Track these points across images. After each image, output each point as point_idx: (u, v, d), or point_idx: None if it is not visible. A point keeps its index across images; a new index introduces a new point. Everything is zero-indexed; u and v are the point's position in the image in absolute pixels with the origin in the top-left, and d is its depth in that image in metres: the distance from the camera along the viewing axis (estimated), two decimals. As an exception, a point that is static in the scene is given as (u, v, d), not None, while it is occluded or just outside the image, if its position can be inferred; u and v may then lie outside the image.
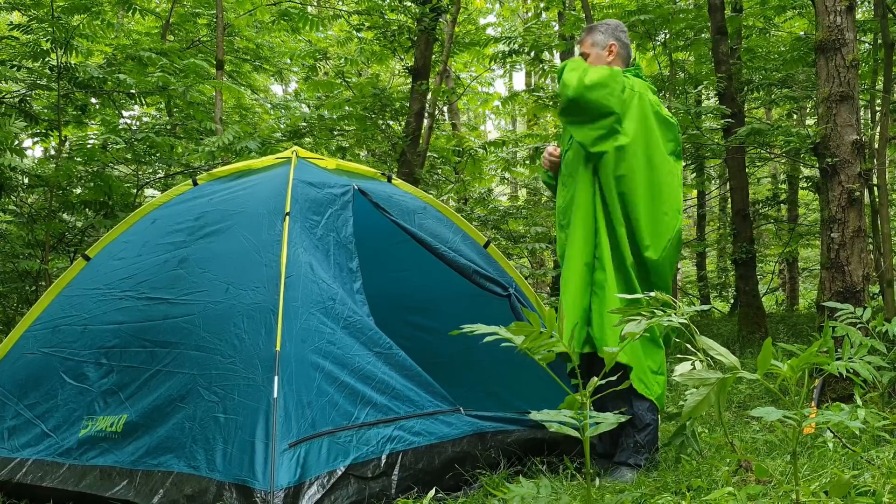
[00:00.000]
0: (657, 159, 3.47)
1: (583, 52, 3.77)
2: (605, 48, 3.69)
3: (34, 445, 3.29)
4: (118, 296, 3.47)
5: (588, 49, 3.72)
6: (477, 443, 3.15)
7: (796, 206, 12.86)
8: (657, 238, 3.44)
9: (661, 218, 3.45)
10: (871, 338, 3.22)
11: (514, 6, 16.14)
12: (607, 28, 3.74)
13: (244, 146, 6.49)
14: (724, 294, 13.02)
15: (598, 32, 3.73)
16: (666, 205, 3.47)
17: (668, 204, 3.48)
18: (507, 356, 2.99)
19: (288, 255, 3.11)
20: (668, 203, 3.48)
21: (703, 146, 8.55)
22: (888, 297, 5.31)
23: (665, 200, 3.47)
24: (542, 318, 2.25)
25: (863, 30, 8.01)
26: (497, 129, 22.73)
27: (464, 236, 4.07)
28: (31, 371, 3.53)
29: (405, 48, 9.25)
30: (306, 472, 2.64)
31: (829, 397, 4.47)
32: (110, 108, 7.81)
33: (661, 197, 3.46)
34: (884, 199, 5.83)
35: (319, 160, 3.84)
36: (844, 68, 4.73)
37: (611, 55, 3.68)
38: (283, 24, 9.35)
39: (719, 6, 8.00)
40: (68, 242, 7.71)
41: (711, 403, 2.12)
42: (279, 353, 2.82)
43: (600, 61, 3.66)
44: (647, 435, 3.35)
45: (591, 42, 3.72)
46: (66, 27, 6.51)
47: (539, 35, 10.08)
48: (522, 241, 9.86)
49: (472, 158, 10.33)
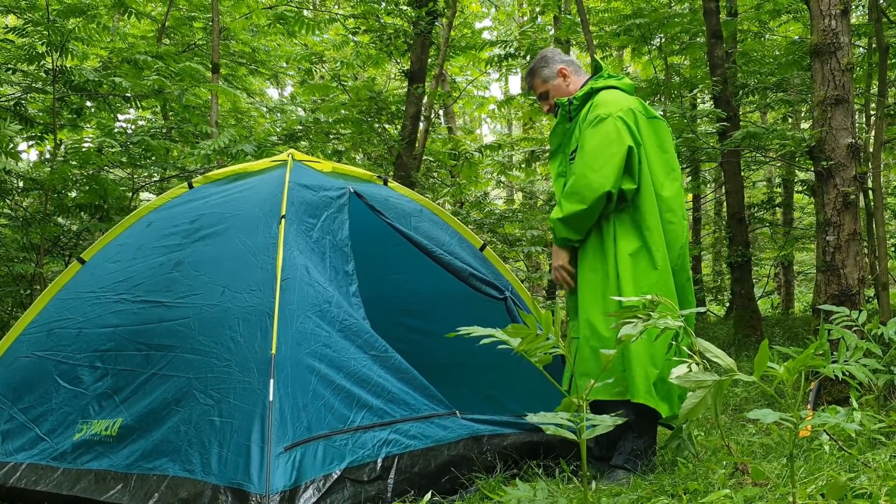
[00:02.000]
0: (656, 170, 3.46)
1: (540, 94, 3.75)
2: (558, 76, 3.68)
3: (28, 449, 3.28)
4: (113, 299, 3.46)
5: (544, 87, 3.71)
6: (473, 446, 3.14)
7: (791, 210, 12.88)
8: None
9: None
10: (866, 340, 3.22)
11: (510, 10, 16.18)
12: (545, 60, 3.73)
13: (240, 149, 6.49)
14: (719, 297, 13.04)
15: (541, 69, 3.71)
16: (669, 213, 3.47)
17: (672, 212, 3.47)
18: (503, 359, 2.99)
19: (284, 258, 3.10)
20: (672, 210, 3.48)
21: (699, 150, 8.56)
22: (883, 300, 5.32)
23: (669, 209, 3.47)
24: (539, 321, 2.24)
25: (857, 34, 8.04)
26: (493, 132, 22.76)
27: (460, 239, 4.07)
28: (25, 374, 3.52)
29: (401, 52, 9.26)
30: (302, 475, 2.63)
31: (825, 400, 4.48)
32: (106, 112, 7.80)
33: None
34: (879, 202, 5.84)
35: (315, 163, 3.84)
36: (839, 72, 4.74)
37: (566, 79, 3.68)
38: (279, 27, 9.34)
39: (714, 10, 8.02)
40: (63, 246, 7.69)
41: (708, 406, 2.11)
42: (275, 356, 2.81)
43: (561, 91, 3.66)
44: (645, 441, 3.34)
45: (542, 80, 3.71)
46: (61, 30, 6.50)
47: (535, 39, 10.11)
48: (518, 245, 9.87)
49: (468, 162, 10.34)
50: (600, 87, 3.53)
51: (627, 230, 3.37)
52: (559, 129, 3.64)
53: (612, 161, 3.30)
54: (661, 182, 3.43)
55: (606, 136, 3.34)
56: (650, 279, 3.30)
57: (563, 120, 3.62)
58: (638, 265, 3.32)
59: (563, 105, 3.60)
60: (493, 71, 14.37)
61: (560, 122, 3.63)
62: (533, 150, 11.19)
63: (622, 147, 3.31)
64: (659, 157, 3.47)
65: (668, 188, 3.45)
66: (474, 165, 10.60)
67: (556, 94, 3.67)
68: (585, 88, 3.55)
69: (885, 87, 6.47)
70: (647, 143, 3.44)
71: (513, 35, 10.81)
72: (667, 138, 3.54)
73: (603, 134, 3.35)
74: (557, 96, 3.66)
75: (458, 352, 3.86)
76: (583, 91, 3.55)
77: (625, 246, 3.34)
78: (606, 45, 9.72)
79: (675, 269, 3.44)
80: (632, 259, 3.32)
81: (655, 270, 3.32)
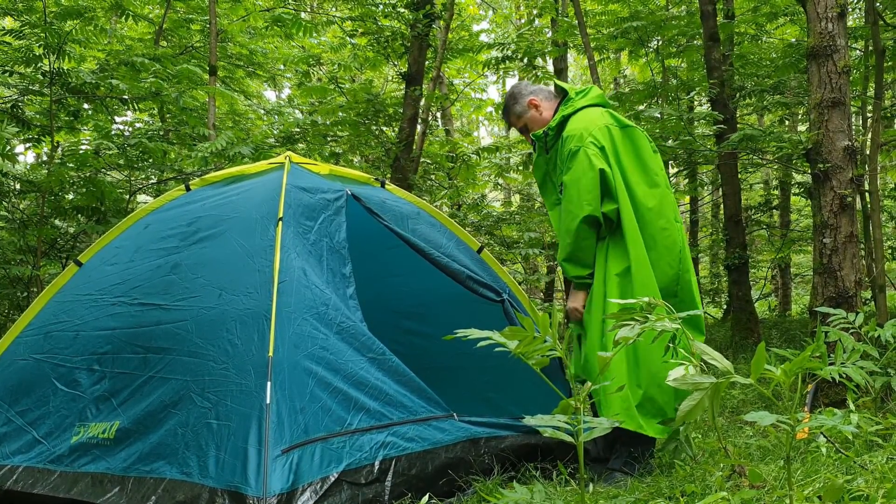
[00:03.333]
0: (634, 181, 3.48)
1: (520, 129, 3.80)
2: (530, 109, 3.72)
3: (25, 452, 3.27)
4: (110, 301, 3.45)
5: (520, 122, 3.76)
6: (470, 448, 3.14)
7: (788, 212, 12.91)
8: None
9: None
10: (863, 343, 3.22)
11: (508, 13, 16.19)
12: (514, 97, 3.77)
13: (237, 151, 6.48)
14: (717, 300, 13.05)
15: (515, 106, 3.75)
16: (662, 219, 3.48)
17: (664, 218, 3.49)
18: (500, 361, 2.99)
19: (281, 261, 3.10)
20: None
21: (696, 152, 8.57)
22: (880, 302, 5.33)
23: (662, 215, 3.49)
24: (536, 323, 2.24)
25: (854, 36, 8.05)
26: (490, 134, 22.77)
27: (457, 242, 4.07)
28: (22, 377, 3.51)
29: (399, 54, 9.27)
30: (299, 478, 2.62)
31: (822, 402, 4.48)
32: (103, 114, 7.80)
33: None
34: (875, 204, 5.85)
35: (313, 165, 3.84)
36: (836, 74, 4.75)
37: (538, 109, 3.71)
38: (276, 29, 9.35)
39: (711, 13, 8.04)
40: (60, 248, 7.68)
41: (705, 408, 2.11)
42: (272, 358, 2.81)
43: (537, 122, 3.70)
44: (642, 443, 3.34)
45: (517, 116, 3.76)
46: (58, 32, 6.50)
47: (532, 41, 10.11)
48: (516, 247, 9.86)
49: (466, 164, 10.35)
50: (570, 114, 3.57)
51: (618, 251, 3.42)
52: (539, 161, 3.69)
53: (587, 187, 3.37)
54: (643, 194, 3.46)
55: (579, 167, 3.41)
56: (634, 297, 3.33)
57: (541, 152, 3.68)
58: (624, 285, 3.38)
59: (538, 139, 3.64)
60: (491, 73, 14.36)
61: (539, 155, 3.68)
62: (530, 153, 11.18)
63: (594, 171, 3.38)
64: (637, 167, 3.50)
65: (652, 198, 3.48)
66: (472, 168, 10.60)
67: (534, 125, 3.72)
68: (557, 118, 3.59)
69: (882, 90, 6.48)
70: (624, 155, 3.47)
71: (510, 38, 10.80)
72: (643, 145, 3.56)
73: (576, 166, 3.42)
74: (535, 127, 3.71)
75: (456, 354, 3.86)
76: (555, 121, 3.59)
77: (614, 266, 3.40)
78: (604, 48, 9.74)
79: (678, 271, 3.46)
80: (619, 279, 3.38)
81: (639, 289, 3.33)
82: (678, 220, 3.56)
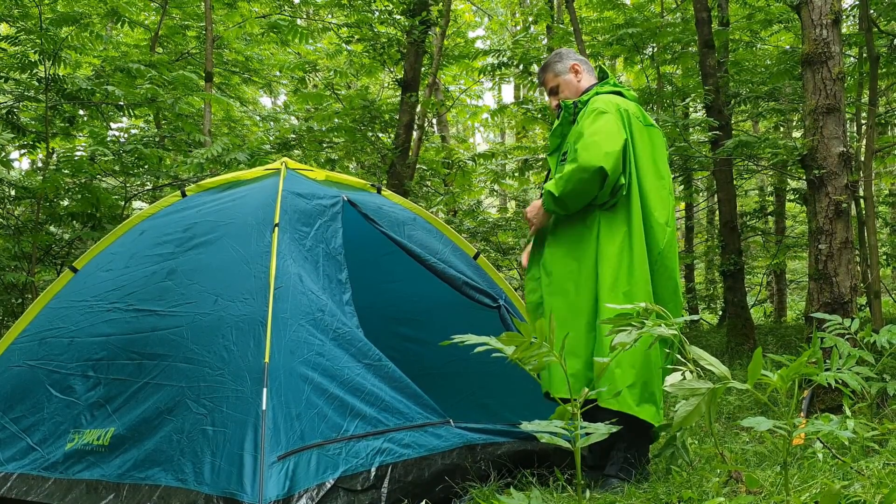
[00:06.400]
0: (644, 171, 3.47)
1: (550, 88, 3.75)
2: (569, 71, 3.69)
3: (19, 459, 3.25)
4: (105, 308, 3.44)
5: (555, 81, 3.71)
6: (467, 455, 3.14)
7: (784, 218, 12.94)
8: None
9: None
10: (859, 348, 3.23)
11: (503, 19, 16.23)
12: (560, 56, 3.75)
13: (233, 158, 6.48)
14: (712, 306, 13.07)
15: (555, 64, 3.72)
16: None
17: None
18: (497, 367, 2.99)
19: (277, 267, 3.09)
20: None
21: (691, 158, 8.59)
22: (876, 308, 5.34)
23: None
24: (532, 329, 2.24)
25: (848, 43, 8.09)
26: (486, 141, 22.81)
27: (453, 248, 4.07)
28: (16, 384, 3.50)
29: (395, 60, 9.28)
30: (295, 484, 2.61)
31: (818, 408, 4.49)
32: (98, 120, 7.79)
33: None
34: (870, 210, 5.87)
35: (309, 171, 3.84)
36: (831, 81, 4.77)
37: (577, 75, 3.69)
38: (272, 36, 9.36)
39: (706, 20, 8.06)
40: (55, 254, 7.65)
41: (702, 414, 2.11)
42: (268, 364, 2.80)
43: (572, 86, 3.67)
44: (639, 449, 3.34)
45: (554, 74, 3.71)
46: (54, 39, 6.49)
47: (528, 48, 10.14)
48: (512, 253, 9.87)
49: (462, 170, 10.36)
50: (605, 92, 3.55)
51: (612, 229, 3.35)
52: (559, 130, 3.63)
53: (614, 144, 3.29)
54: (649, 185, 3.44)
55: (607, 124, 3.34)
56: (630, 280, 3.31)
57: (565, 122, 3.61)
58: (620, 266, 3.31)
59: (567, 108, 3.60)
60: (487, 80, 14.40)
61: (561, 124, 3.62)
62: (526, 159, 11.21)
63: (621, 137, 3.33)
64: (650, 162, 3.48)
65: (655, 193, 3.46)
66: (468, 174, 10.62)
67: (566, 90, 3.66)
68: (591, 93, 3.57)
69: (876, 96, 6.50)
70: (640, 147, 3.45)
71: (506, 44, 10.85)
72: (660, 147, 3.55)
73: (604, 122, 3.35)
74: (567, 92, 3.65)
75: (452, 360, 3.86)
76: (588, 96, 3.56)
77: (608, 244, 3.33)
78: (599, 55, 9.76)
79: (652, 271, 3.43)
80: (615, 258, 3.30)
81: (633, 274, 3.31)
82: (668, 224, 3.53)
